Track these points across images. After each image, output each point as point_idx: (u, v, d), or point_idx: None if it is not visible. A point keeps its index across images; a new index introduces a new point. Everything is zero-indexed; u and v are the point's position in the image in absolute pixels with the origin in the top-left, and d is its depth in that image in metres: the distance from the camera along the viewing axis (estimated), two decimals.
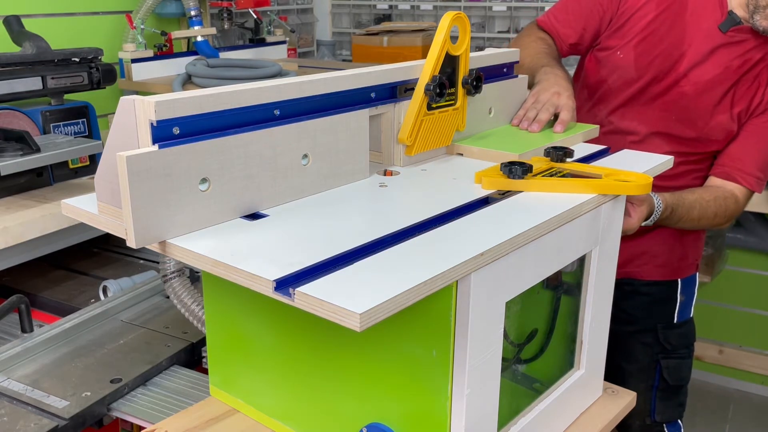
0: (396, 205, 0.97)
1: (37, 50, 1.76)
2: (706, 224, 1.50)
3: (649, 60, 1.51)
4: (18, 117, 1.67)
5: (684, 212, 1.44)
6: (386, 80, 1.06)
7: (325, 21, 3.82)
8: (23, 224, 1.45)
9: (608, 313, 1.13)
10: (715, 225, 1.52)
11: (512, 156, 1.10)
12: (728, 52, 1.46)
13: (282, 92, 0.91)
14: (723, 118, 1.48)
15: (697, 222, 1.48)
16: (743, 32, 1.45)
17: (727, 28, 1.45)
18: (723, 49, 1.46)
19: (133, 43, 2.38)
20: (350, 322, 0.66)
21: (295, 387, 0.99)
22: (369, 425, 0.91)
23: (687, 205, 1.44)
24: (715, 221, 1.49)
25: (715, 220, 1.49)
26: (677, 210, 1.42)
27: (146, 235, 0.80)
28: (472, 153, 1.17)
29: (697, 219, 1.47)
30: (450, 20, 1.08)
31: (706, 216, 1.47)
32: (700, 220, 1.47)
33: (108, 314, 1.46)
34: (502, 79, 1.29)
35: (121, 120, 0.82)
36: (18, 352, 1.29)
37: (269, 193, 0.92)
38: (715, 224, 1.51)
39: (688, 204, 1.44)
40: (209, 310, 1.08)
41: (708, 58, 1.47)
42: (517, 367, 1.00)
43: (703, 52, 1.47)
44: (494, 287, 0.83)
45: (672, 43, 1.49)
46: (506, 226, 0.85)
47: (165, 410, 1.17)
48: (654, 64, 1.50)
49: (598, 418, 1.12)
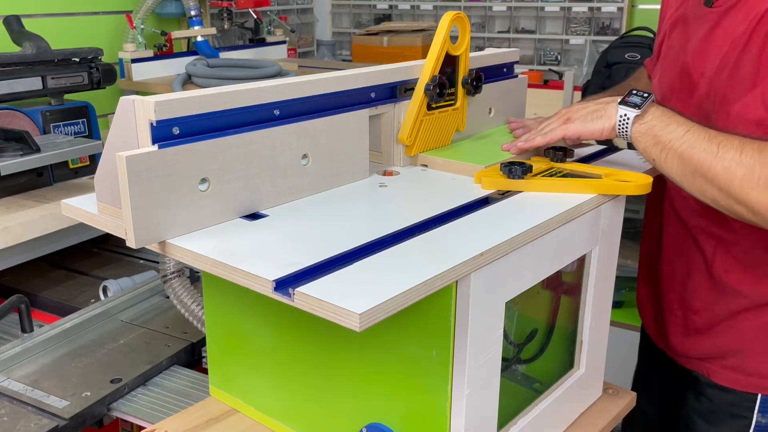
0: (396, 205, 0.97)
1: (37, 50, 1.76)
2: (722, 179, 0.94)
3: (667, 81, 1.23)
4: (18, 117, 1.67)
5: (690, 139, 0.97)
6: (386, 80, 1.06)
7: (325, 21, 3.82)
8: (23, 224, 1.45)
9: (608, 313, 1.13)
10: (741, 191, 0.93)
11: (477, 168, 1.04)
12: (729, 22, 1.09)
13: (282, 92, 0.91)
14: (747, 101, 1.04)
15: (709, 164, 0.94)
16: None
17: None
18: (721, 24, 1.11)
19: (133, 43, 2.38)
20: (350, 322, 0.66)
21: (295, 387, 0.99)
22: (369, 425, 0.90)
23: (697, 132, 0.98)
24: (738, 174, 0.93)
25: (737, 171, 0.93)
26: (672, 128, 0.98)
27: (146, 235, 0.80)
28: (436, 164, 1.11)
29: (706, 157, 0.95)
30: (450, 20, 1.08)
31: (726, 156, 0.93)
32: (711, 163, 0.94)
33: (108, 314, 1.46)
34: (502, 79, 1.29)
35: (121, 120, 0.82)
36: (18, 352, 1.29)
37: (269, 193, 0.92)
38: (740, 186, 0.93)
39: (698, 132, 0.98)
40: (209, 310, 1.08)
41: (707, 46, 1.13)
42: (517, 367, 1.00)
43: (701, 39, 1.14)
44: (494, 287, 0.83)
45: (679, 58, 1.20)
46: (506, 226, 0.85)
47: (165, 410, 1.17)
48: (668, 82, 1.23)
49: (598, 418, 1.11)
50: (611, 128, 1.04)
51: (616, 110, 1.02)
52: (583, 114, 1.07)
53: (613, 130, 1.03)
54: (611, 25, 3.17)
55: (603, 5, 3.15)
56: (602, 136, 1.06)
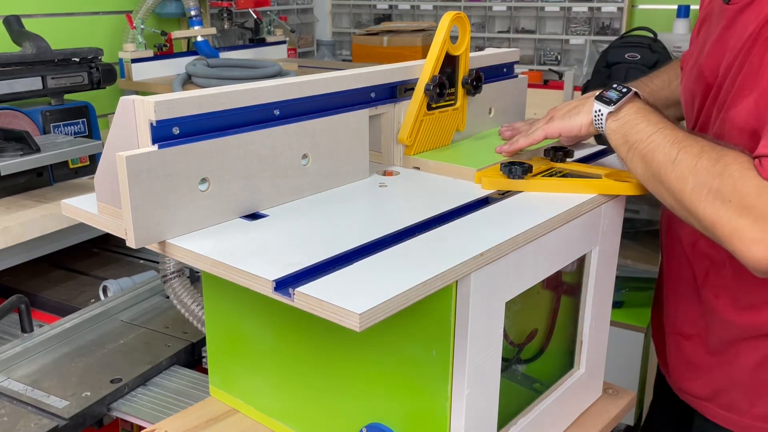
0: (396, 205, 0.97)
1: (37, 50, 1.76)
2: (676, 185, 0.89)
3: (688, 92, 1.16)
4: (18, 117, 1.67)
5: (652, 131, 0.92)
6: (386, 80, 1.06)
7: (325, 21, 3.82)
8: (23, 224, 1.45)
9: (608, 313, 1.13)
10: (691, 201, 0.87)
11: (470, 171, 1.03)
12: (743, 21, 0.99)
13: (282, 92, 0.91)
14: (741, 108, 0.96)
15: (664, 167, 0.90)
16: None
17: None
18: (736, 22, 1.01)
19: (133, 43, 2.38)
20: (350, 322, 0.66)
21: (295, 387, 0.99)
22: (369, 425, 0.90)
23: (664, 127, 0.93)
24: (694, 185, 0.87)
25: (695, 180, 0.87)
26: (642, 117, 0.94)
27: (146, 235, 0.80)
28: (429, 167, 1.09)
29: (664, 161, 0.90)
30: (450, 20, 1.08)
31: (683, 163, 0.88)
32: (666, 167, 0.89)
33: (108, 314, 1.46)
34: (502, 79, 1.29)
35: (120, 120, 0.82)
36: (18, 352, 1.29)
37: (269, 193, 0.92)
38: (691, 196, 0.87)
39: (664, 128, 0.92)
40: (209, 310, 1.08)
41: (721, 46, 1.03)
42: (517, 367, 1.00)
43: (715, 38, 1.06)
44: (494, 287, 0.83)
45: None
46: (506, 226, 0.85)
47: (165, 410, 1.17)
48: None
49: (598, 418, 1.11)
50: (588, 123, 1.01)
51: (593, 105, 0.99)
52: (563, 111, 1.06)
53: (591, 125, 1.01)
54: (611, 25, 3.17)
55: (603, 5, 3.15)
56: (582, 132, 1.03)
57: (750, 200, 0.81)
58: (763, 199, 0.81)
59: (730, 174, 0.84)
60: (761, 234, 0.81)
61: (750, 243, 0.82)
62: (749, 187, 0.82)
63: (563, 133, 1.05)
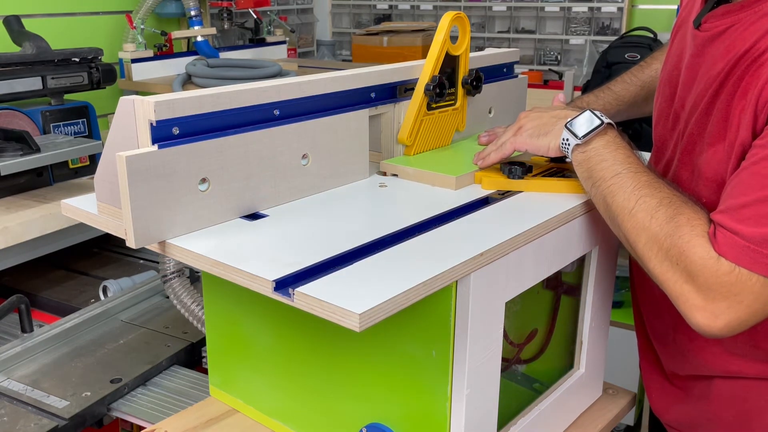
0: (396, 205, 0.97)
1: (37, 50, 1.76)
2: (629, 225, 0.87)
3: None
4: (18, 117, 1.67)
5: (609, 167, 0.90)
6: (386, 80, 1.06)
7: (325, 21, 3.82)
8: (23, 224, 1.45)
9: (608, 313, 1.13)
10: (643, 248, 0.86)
11: (449, 179, 1.00)
12: (711, 55, 0.94)
13: (282, 92, 0.91)
14: (710, 157, 0.92)
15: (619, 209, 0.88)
16: (732, 12, 0.92)
17: (704, 15, 0.97)
18: (705, 53, 0.96)
19: (133, 43, 2.38)
20: (350, 322, 0.66)
21: (295, 387, 0.99)
22: (369, 425, 0.90)
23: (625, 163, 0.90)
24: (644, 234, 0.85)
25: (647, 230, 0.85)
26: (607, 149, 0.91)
27: (146, 235, 0.80)
28: (408, 174, 1.05)
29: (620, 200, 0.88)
30: (450, 20, 1.08)
31: (640, 207, 0.86)
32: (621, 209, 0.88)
33: (108, 314, 1.46)
34: (502, 79, 1.29)
35: (120, 120, 0.82)
36: (18, 352, 1.29)
37: (269, 193, 0.92)
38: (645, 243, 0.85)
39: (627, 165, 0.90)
40: (209, 310, 1.08)
41: (691, 74, 0.98)
42: (517, 367, 1.00)
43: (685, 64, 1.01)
44: (494, 287, 0.83)
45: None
46: (506, 226, 0.85)
47: (165, 410, 1.17)
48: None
49: (598, 418, 1.12)
50: (556, 148, 0.97)
51: (561, 131, 0.96)
52: (532, 126, 1.01)
53: (558, 149, 0.97)
54: (611, 25, 3.17)
55: (603, 5, 3.15)
56: (548, 154, 0.99)
57: (695, 269, 0.81)
58: (707, 272, 0.80)
59: (680, 236, 0.82)
60: (704, 303, 0.80)
61: (694, 309, 0.82)
62: (695, 255, 0.81)
63: (530, 150, 1.02)
